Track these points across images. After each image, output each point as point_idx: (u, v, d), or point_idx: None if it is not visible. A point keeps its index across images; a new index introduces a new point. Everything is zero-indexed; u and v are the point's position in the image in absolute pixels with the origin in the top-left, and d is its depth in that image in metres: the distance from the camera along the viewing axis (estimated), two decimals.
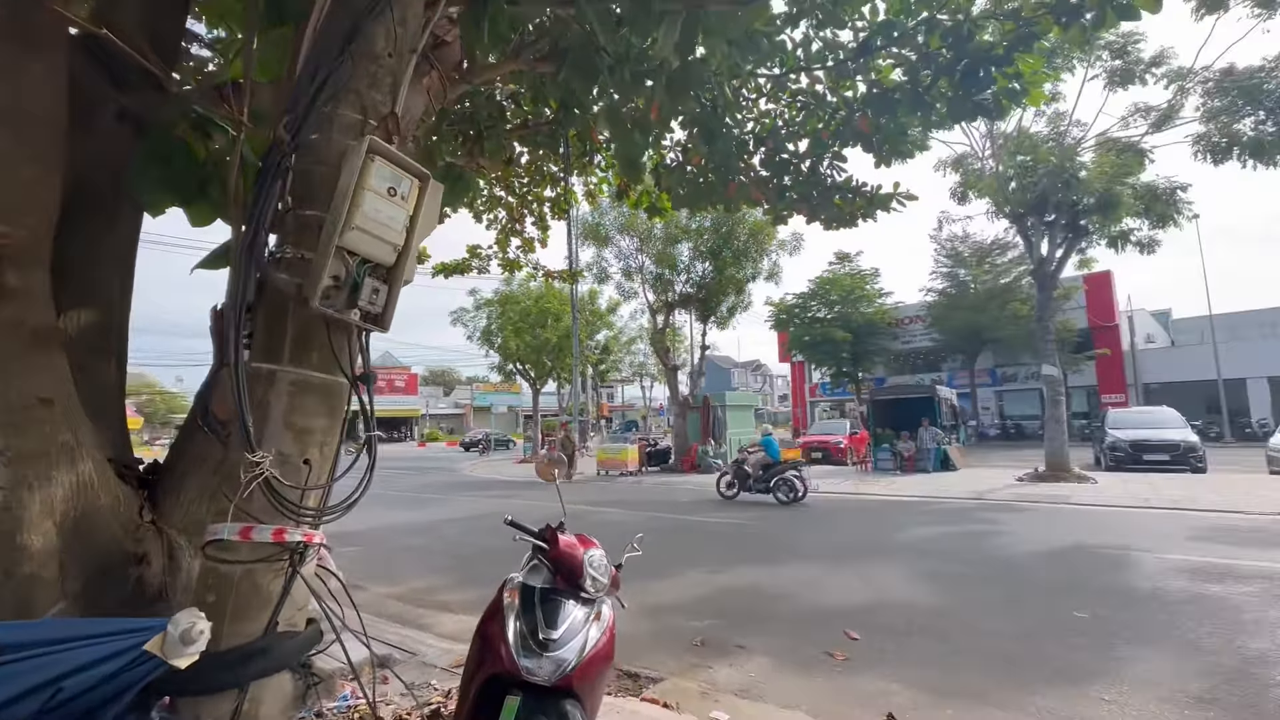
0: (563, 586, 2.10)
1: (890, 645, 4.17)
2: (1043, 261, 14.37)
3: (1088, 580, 5.55)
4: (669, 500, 12.28)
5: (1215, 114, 12.02)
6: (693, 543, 7.98)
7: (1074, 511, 9.50)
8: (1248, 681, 3.45)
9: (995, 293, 30.04)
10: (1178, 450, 14.39)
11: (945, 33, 4.44)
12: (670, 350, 21.80)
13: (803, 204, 5.92)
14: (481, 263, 9.34)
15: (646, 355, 42.14)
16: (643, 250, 19.55)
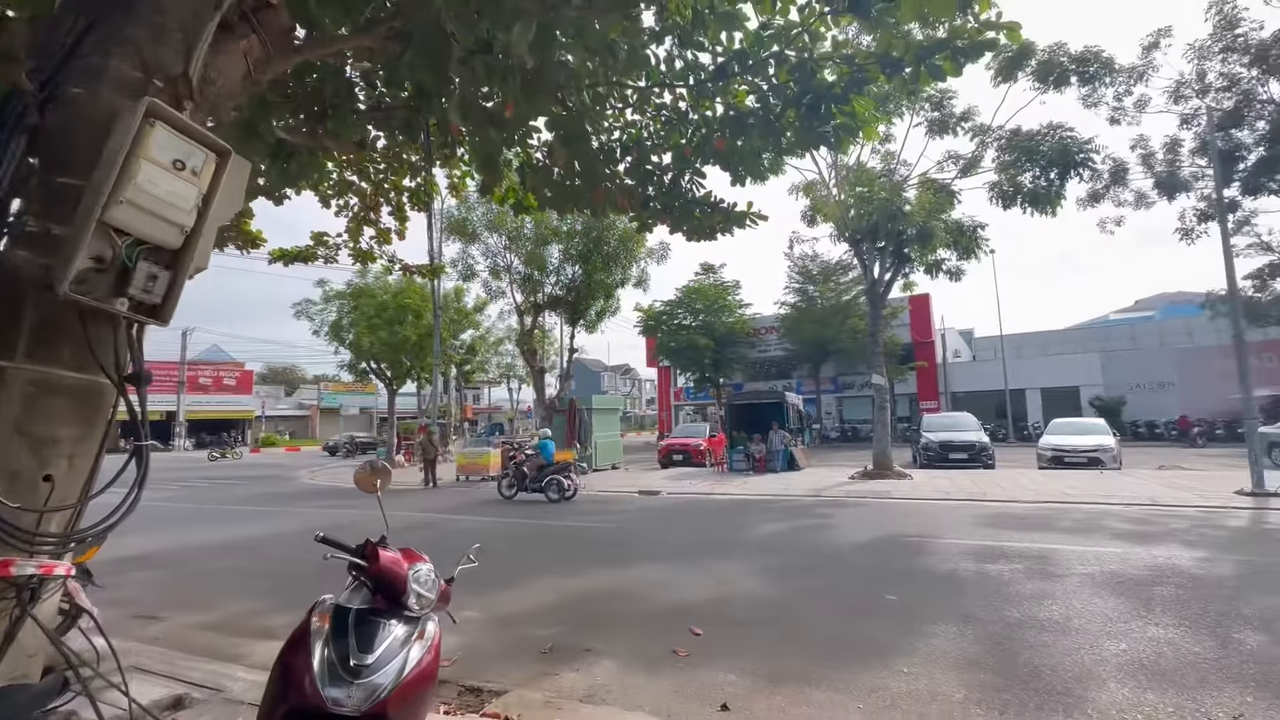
0: (383, 606, 1.95)
1: (730, 638, 4.40)
2: (874, 283, 16.14)
3: (898, 566, 6.29)
4: (528, 505, 12.06)
5: (1005, 167, 14.29)
6: (551, 548, 7.89)
7: (893, 505, 10.74)
8: (1010, 644, 4.10)
9: (838, 309, 33.26)
10: (974, 450, 16.87)
11: (792, 68, 4.81)
12: (538, 352, 21.51)
13: (666, 215, 6.12)
14: (329, 252, 8.53)
15: (515, 356, 41.24)
16: (511, 249, 19.13)
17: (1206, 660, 3.76)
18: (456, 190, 7.74)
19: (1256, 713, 3.13)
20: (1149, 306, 58.67)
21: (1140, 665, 3.72)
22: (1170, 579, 5.49)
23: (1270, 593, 5.07)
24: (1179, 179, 14.74)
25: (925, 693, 3.47)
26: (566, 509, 11.45)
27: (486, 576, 6.28)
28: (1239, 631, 4.21)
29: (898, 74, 4.63)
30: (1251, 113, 13.32)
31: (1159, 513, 9.14)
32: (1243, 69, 13.07)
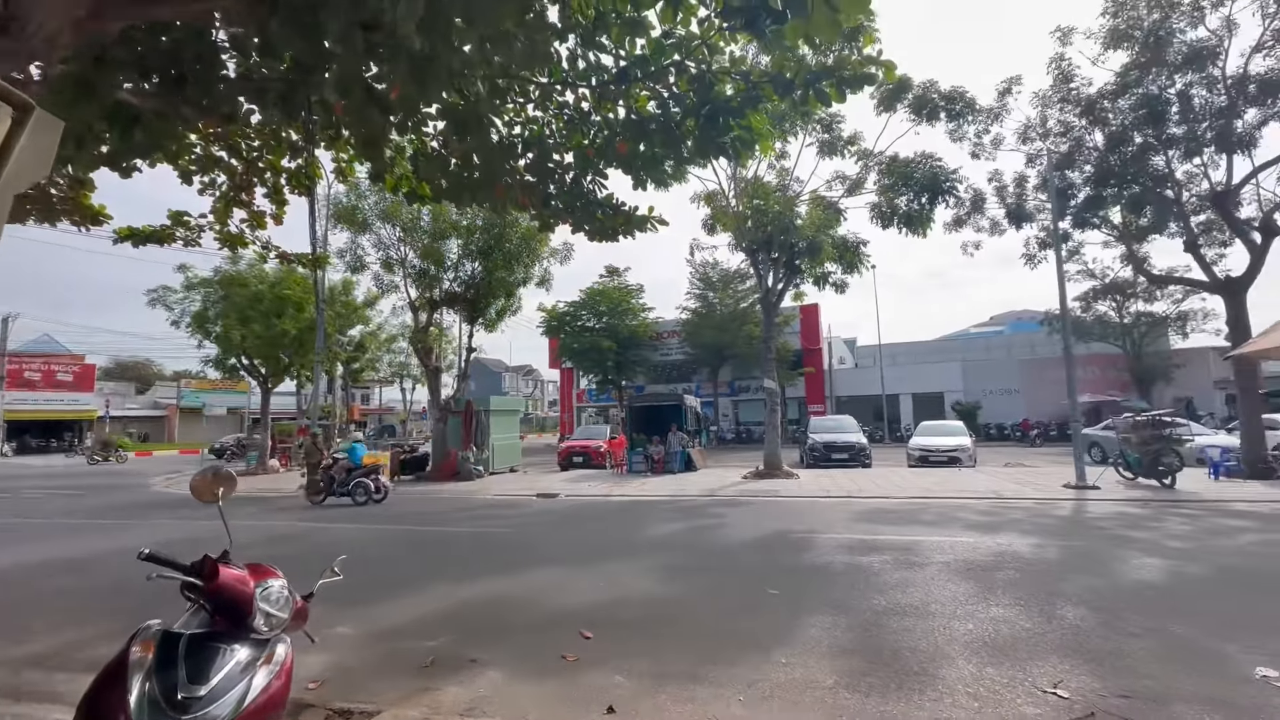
0: (225, 629, 1.74)
1: (620, 640, 4.41)
2: (768, 291, 16.94)
3: (782, 561, 6.61)
4: (419, 512, 11.49)
5: (884, 190, 15.54)
6: (437, 555, 7.55)
7: (780, 503, 11.30)
8: (876, 630, 4.42)
9: (736, 315, 34.62)
10: (854, 450, 18.17)
11: (691, 78, 4.92)
12: (434, 351, 20.57)
13: (567, 214, 6.06)
14: (190, 234, 7.69)
15: (408, 355, 39.24)
16: (406, 242, 18.15)
17: (1034, 635, 4.26)
18: (343, 175, 7.22)
19: (1072, 678, 3.58)
20: (1001, 322, 66.21)
21: (983, 643, 4.14)
22: (1010, 564, 6.18)
23: (1086, 573, 5.84)
24: (1025, 210, 16.74)
25: (800, 681, 3.65)
26: (463, 514, 11.01)
27: (366, 588, 5.91)
28: (1061, 608, 4.81)
29: (789, 95, 4.89)
30: (1081, 157, 15.41)
31: (1003, 505, 10.30)
32: (1075, 118, 15.10)
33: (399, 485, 16.34)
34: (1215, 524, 8.24)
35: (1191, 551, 6.64)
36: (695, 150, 5.33)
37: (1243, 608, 4.73)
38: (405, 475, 17.91)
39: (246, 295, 21.18)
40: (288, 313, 21.75)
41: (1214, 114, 13.58)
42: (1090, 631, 4.31)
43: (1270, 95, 13.07)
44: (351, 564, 2.51)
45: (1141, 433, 12.12)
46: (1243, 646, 3.99)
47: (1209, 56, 13.32)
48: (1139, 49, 13.92)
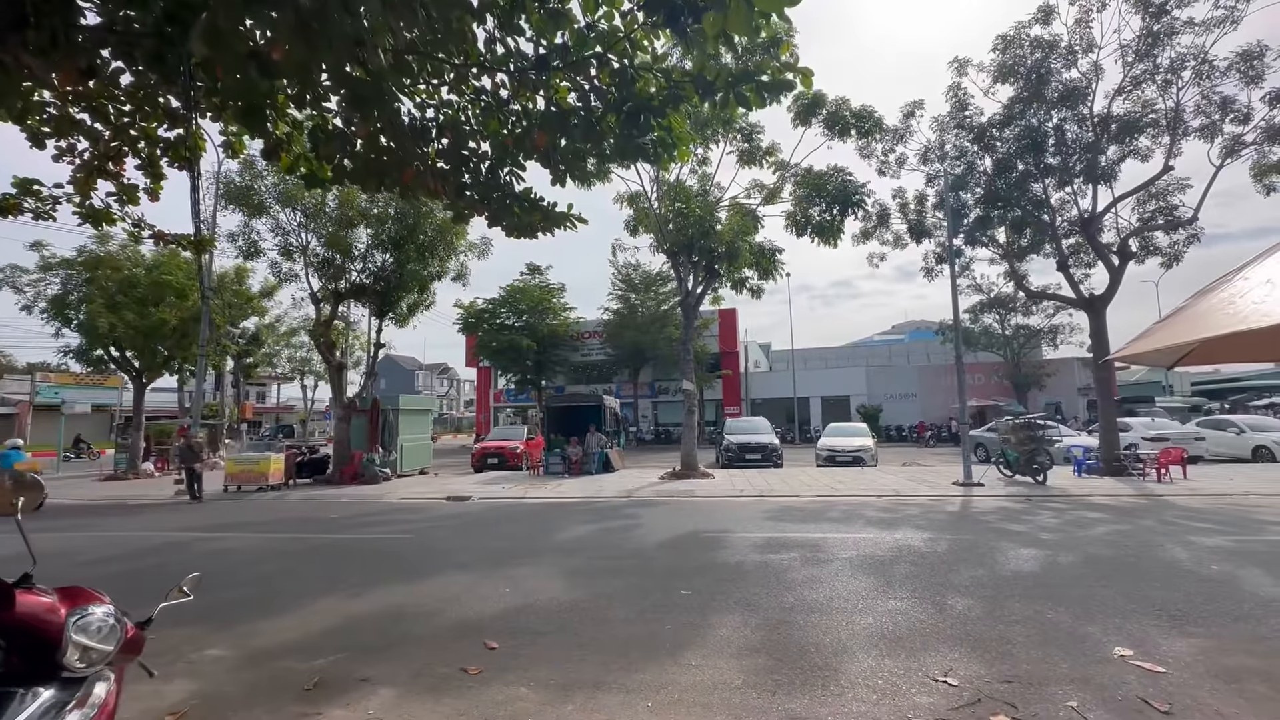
0: (24, 668, 1.44)
1: (526, 649, 4.22)
2: (688, 294, 17.17)
3: (695, 561, 6.63)
4: (315, 518, 10.68)
5: (799, 200, 16.16)
6: (333, 565, 7.00)
7: (695, 503, 11.43)
8: (783, 627, 4.49)
9: (657, 317, 34.93)
10: (766, 451, 18.75)
11: (613, 72, 4.81)
12: (337, 345, 19.31)
13: (483, 206, 5.77)
14: (41, 205, 6.72)
15: (310, 349, 36.71)
16: (309, 228, 16.90)
17: (927, 626, 4.48)
18: (233, 150, 6.55)
19: (961, 666, 3.77)
20: (901, 331, 71.06)
21: (881, 636, 4.30)
22: (906, 558, 6.52)
23: (972, 564, 6.26)
24: (924, 226, 17.94)
25: (709, 683, 3.62)
26: (363, 519, 10.33)
27: (245, 605, 5.36)
28: (950, 599, 5.10)
29: (710, 97, 4.88)
30: (972, 179, 16.71)
31: (901, 502, 10.93)
32: (968, 143, 16.36)
33: (294, 489, 15.18)
34: (1079, 516, 9.12)
35: (1060, 542, 7.29)
36: (616, 150, 5.23)
37: (1103, 593, 5.21)
38: (303, 478, 16.68)
39: (117, 279, 19.00)
40: (167, 300, 19.73)
41: (1083, 148, 15.13)
42: (976, 620, 4.58)
43: (1128, 134, 14.73)
44: (231, 577, 2.21)
45: (1019, 434, 13.28)
46: (1103, 629, 4.37)
47: (1079, 96, 14.83)
48: (1022, 84, 15.27)
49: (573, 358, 38.55)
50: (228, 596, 5.71)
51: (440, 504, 12.28)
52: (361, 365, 29.05)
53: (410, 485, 15.36)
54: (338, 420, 17.10)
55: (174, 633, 4.61)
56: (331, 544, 8.29)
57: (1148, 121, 14.55)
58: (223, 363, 28.11)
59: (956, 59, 16.27)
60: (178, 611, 4.89)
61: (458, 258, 18.64)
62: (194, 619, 4.97)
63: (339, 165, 5.46)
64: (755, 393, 40.25)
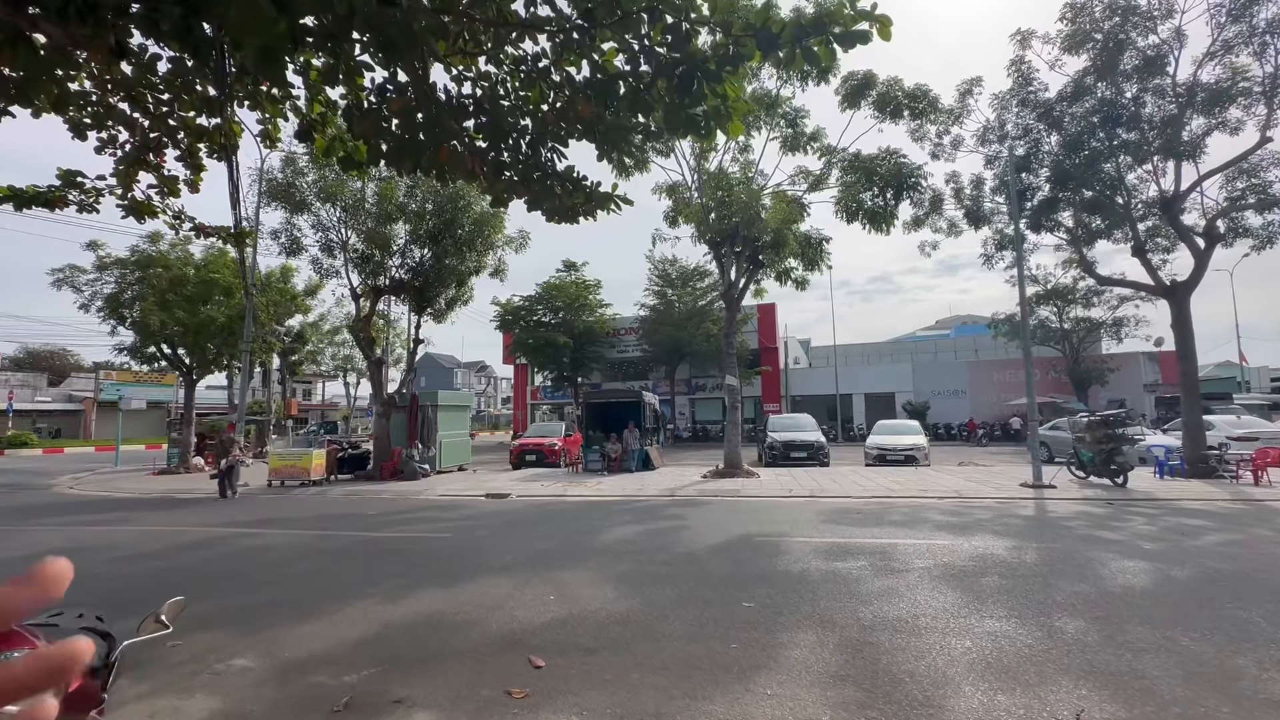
0: None
1: (576, 668, 3.76)
2: (730, 286, 16.55)
3: (753, 569, 6.08)
4: (353, 514, 10.51)
5: (848, 186, 15.36)
6: (370, 566, 6.70)
7: (743, 503, 10.85)
8: (867, 650, 3.92)
9: (694, 313, 34.33)
10: (813, 449, 17.98)
11: (666, 28, 4.30)
12: (377, 342, 19.35)
13: (522, 188, 5.31)
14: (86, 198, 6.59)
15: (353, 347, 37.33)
16: (349, 224, 16.91)
17: (1038, 653, 3.84)
18: (270, 139, 6.29)
19: (1094, 706, 3.15)
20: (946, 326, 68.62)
21: (986, 664, 3.68)
22: (993, 569, 5.83)
23: (1070, 578, 5.53)
24: (982, 212, 16.89)
25: (790, 719, 3.09)
26: (402, 517, 10.11)
27: (276, 609, 5.06)
28: (1057, 619, 4.43)
29: (773, 52, 4.31)
30: (1037, 161, 15.59)
31: (966, 505, 10.12)
32: (1033, 121, 15.26)
33: (336, 485, 15.18)
34: (1177, 523, 8.19)
35: (1167, 553, 6.47)
36: (665, 121, 4.71)
37: (1240, 616, 4.46)
38: (344, 474, 16.71)
39: (168, 278, 19.43)
40: (215, 298, 20.11)
41: (1164, 122, 13.91)
42: (1096, 647, 3.92)
43: (1216, 104, 13.46)
44: (265, 577, 1.79)
45: (1095, 432, 12.24)
46: (1258, 662, 3.67)
47: (1160, 64, 13.62)
48: (1095, 54, 14.12)
49: (609, 354, 38.23)
50: (260, 599, 5.44)
51: (479, 501, 12.01)
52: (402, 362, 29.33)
53: (449, 482, 15.18)
54: (378, 416, 17.08)
55: (201, 638, 4.32)
56: (369, 542, 8.03)
57: (1240, 90, 13.25)
58: (269, 360, 28.71)
59: (1019, 31, 15.19)
60: (206, 616, 4.58)
61: (495, 252, 18.41)
62: (224, 622, 4.69)
63: (374, 146, 5.11)
64: (795, 390, 39.22)
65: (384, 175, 16.68)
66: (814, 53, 4.21)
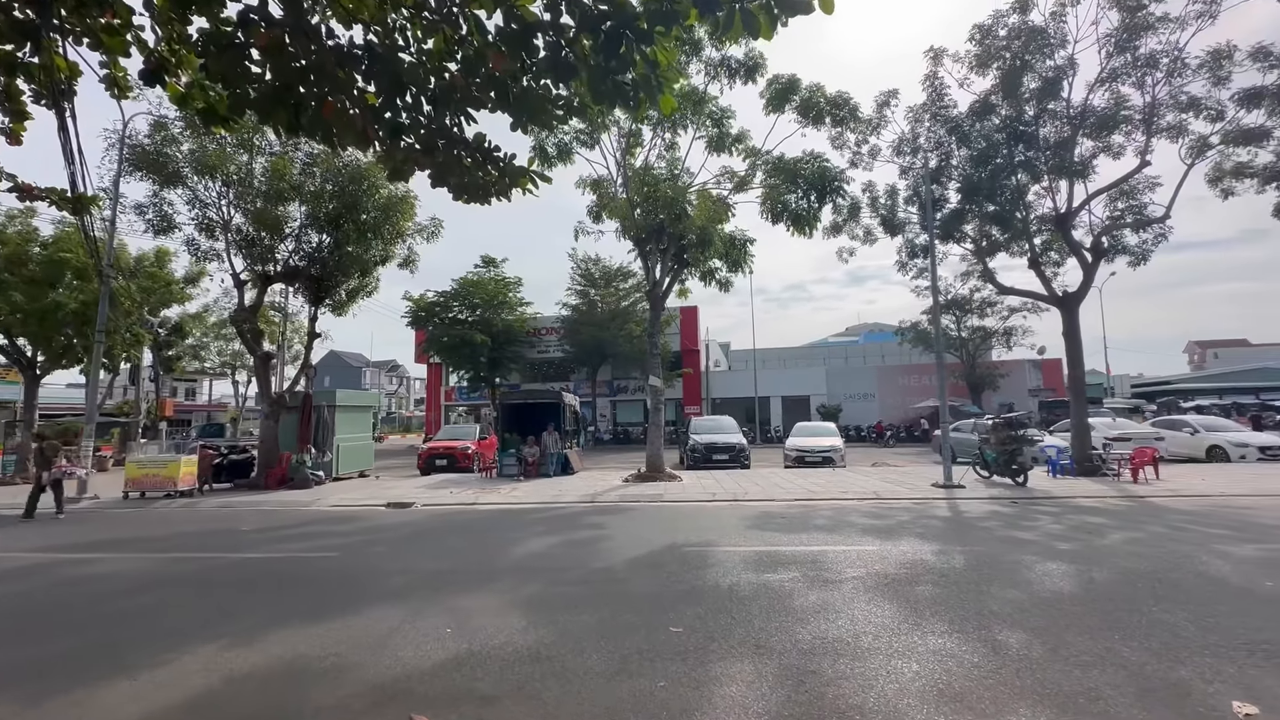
0: None
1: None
2: (655, 284, 16.15)
3: (681, 584, 5.55)
4: (222, 531, 9.12)
5: (772, 189, 15.36)
6: (225, 597, 5.60)
7: (667, 509, 10.39)
8: (810, 680, 3.45)
9: (617, 313, 33.86)
10: (734, 451, 17.91)
11: None
12: (271, 336, 17.43)
13: (425, 158, 4.47)
14: None
15: None
16: (233, 202, 15.06)
17: (989, 674, 3.52)
18: (119, 86, 5.10)
19: None
20: (855, 333, 72.22)
21: (938, 691, 3.31)
22: (924, 577, 5.61)
23: (1001, 583, 5.40)
24: (896, 221, 17.45)
25: None
26: (283, 533, 8.85)
27: (84, 659, 3.96)
28: (999, 632, 4.18)
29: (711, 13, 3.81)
30: (946, 174, 16.27)
31: (885, 506, 10.15)
32: (945, 135, 15.90)
33: (210, 496, 13.38)
34: (1081, 521, 8.49)
35: (1082, 554, 6.55)
36: (590, 88, 4.09)
37: (1169, 620, 4.40)
38: (221, 483, 14.82)
39: (3, 255, 16.58)
40: (67, 281, 17.43)
41: (1057, 143, 14.85)
42: (1043, 663, 3.66)
43: (1102, 129, 14.52)
44: (81, 616, 1.04)
45: (999, 434, 12.78)
46: (1199, 672, 3.52)
47: (1056, 89, 14.52)
48: (999, 76, 14.88)
49: (529, 354, 37.06)
50: (64, 645, 4.30)
51: (378, 512, 10.85)
52: (301, 359, 26.77)
53: (346, 490, 13.76)
54: (264, 418, 15.31)
55: None
56: (233, 567, 6.83)
57: (1122, 117, 14.35)
58: (137, 355, 25.43)
59: (932, 48, 15.78)
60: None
61: (405, 241, 17.06)
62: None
63: (240, 95, 4.16)
64: (715, 392, 39.61)
65: (275, 150, 15.00)
66: (754, 18, 3.70)
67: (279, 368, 29.75)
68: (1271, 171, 14.73)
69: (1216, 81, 13.88)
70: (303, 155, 15.18)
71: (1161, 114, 14.22)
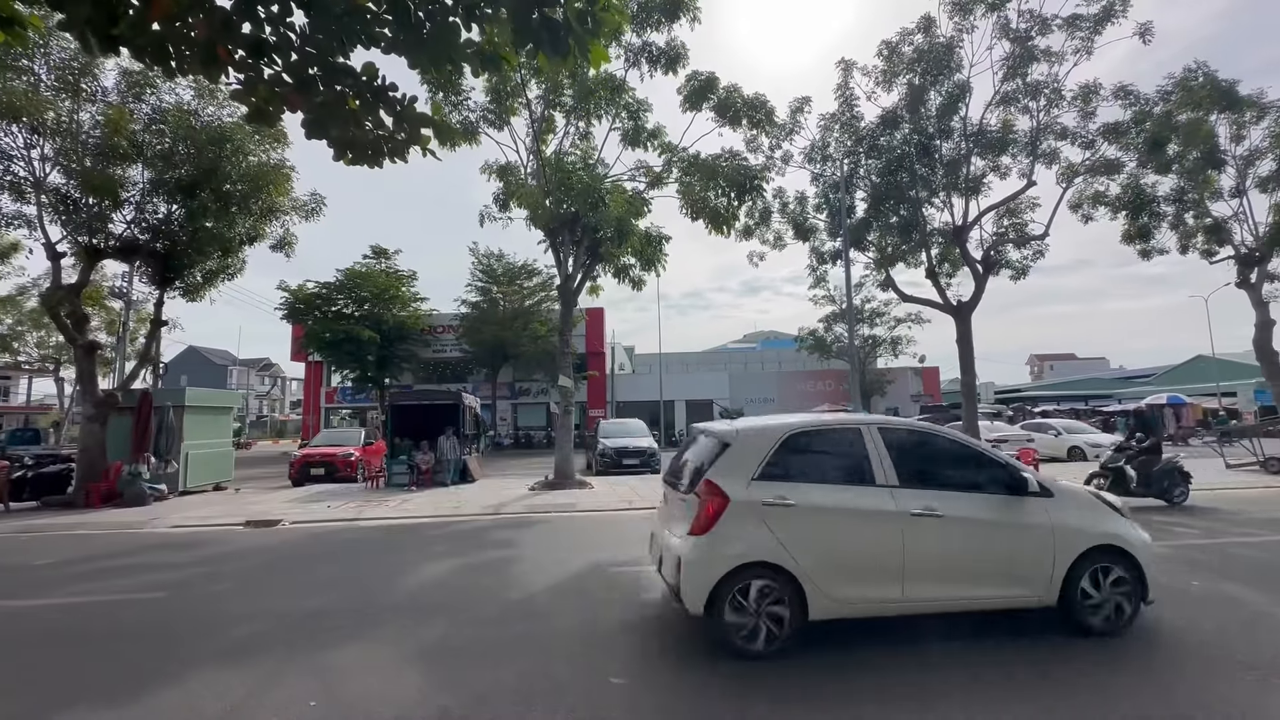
0: None
1: None
2: (568, 279, 15.20)
3: (614, 616, 4.69)
4: (9, 566, 7.05)
5: (688, 187, 14.97)
6: (11, 666, 4.02)
7: (581, 520, 9.49)
8: None
9: (520, 313, 32.33)
10: (645, 455, 17.32)
11: None
12: (95, 321, 14.52)
13: (298, 95, 3.31)
14: None
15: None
16: (51, 158, 12.32)
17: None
18: None
19: None
20: (753, 340, 74.94)
21: None
22: None
23: None
24: (806, 227, 17.74)
25: None
26: (84, 567, 6.96)
27: None
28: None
29: None
30: (854, 183, 16.74)
31: None
32: (851, 145, 16.33)
33: (8, 518, 10.69)
34: None
35: None
36: (513, 26, 3.17)
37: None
38: (25, 500, 11.99)
39: None
40: None
41: (952, 161, 15.67)
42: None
43: (993, 150, 15.49)
44: None
45: None
46: None
47: (953, 109, 15.32)
48: (903, 93, 15.49)
49: (423, 353, 34.55)
50: None
51: (233, 533, 9.04)
52: (153, 353, 22.61)
53: (194, 507, 11.54)
54: (86, 420, 12.59)
55: None
56: (7, 620, 5.09)
57: (1010, 139, 15.38)
58: None
59: (843, 60, 16.18)
60: None
61: (278, 219, 14.87)
62: None
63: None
64: (620, 395, 39.08)
65: (111, 98, 12.47)
66: None
67: (119, 363, 25.42)
68: (1121, 201, 16.43)
69: (1085, 115, 15.25)
70: (148, 108, 12.74)
71: (1042, 139, 15.40)
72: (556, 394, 15.58)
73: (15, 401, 51.17)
